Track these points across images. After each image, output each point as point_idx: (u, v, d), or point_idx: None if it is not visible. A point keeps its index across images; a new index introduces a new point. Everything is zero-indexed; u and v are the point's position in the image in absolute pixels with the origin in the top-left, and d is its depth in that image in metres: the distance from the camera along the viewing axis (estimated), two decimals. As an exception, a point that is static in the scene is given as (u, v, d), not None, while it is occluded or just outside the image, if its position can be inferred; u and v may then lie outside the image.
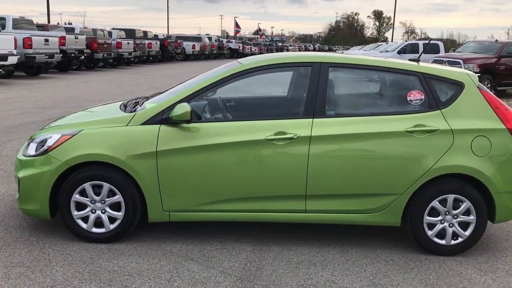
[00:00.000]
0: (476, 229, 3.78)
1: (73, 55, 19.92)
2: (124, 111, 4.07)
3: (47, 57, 17.36)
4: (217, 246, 3.86)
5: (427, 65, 3.98)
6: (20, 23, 17.67)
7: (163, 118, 3.73)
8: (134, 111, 3.95)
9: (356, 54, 4.93)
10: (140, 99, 4.53)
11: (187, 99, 3.79)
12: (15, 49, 15.48)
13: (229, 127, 3.75)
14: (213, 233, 4.09)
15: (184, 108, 3.62)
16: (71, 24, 29.15)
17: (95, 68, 23.68)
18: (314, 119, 3.74)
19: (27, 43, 16.35)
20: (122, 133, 3.72)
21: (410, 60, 4.25)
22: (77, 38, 20.27)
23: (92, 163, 3.72)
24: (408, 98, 3.83)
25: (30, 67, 18.00)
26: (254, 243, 3.94)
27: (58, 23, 29.49)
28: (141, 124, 3.74)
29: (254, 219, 3.83)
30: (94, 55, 22.04)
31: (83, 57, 21.03)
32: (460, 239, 3.80)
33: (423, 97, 3.82)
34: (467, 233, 3.79)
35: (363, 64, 3.96)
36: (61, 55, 18.51)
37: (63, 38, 18.80)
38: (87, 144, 3.69)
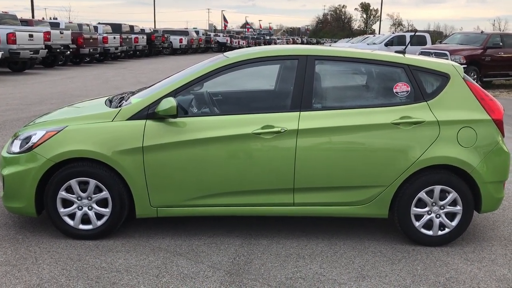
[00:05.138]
0: (462, 220, 3.81)
1: (58, 50, 19.68)
2: (110, 107, 4.03)
3: (32, 52, 17.12)
4: (206, 240, 3.85)
5: (413, 57, 3.99)
6: (3, 18, 17.39)
7: (149, 113, 3.70)
8: (120, 106, 3.91)
9: (343, 47, 4.91)
10: (126, 94, 4.49)
11: (173, 93, 3.76)
12: (-2, 44, 15.27)
13: (216, 122, 3.73)
14: (201, 228, 4.08)
15: (170, 102, 3.59)
16: (56, 19, 28.78)
17: (81, 63, 23.43)
18: (301, 112, 3.73)
19: (11, 38, 16.10)
20: (108, 129, 3.68)
21: (396, 52, 4.25)
22: (62, 33, 20.03)
23: (78, 159, 3.68)
24: (394, 90, 3.84)
25: (14, 63, 17.76)
26: (242, 237, 3.93)
27: (43, 18, 29.11)
28: (127, 120, 3.71)
29: (242, 213, 3.82)
30: (80, 50, 21.81)
31: (68, 52, 20.78)
32: (447, 230, 3.83)
33: (409, 89, 3.83)
34: (454, 223, 3.82)
35: (349, 56, 3.95)
36: (46, 50, 18.27)
37: (48, 33, 18.56)
38: (73, 140, 3.65)
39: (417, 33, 23.91)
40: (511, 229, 4.26)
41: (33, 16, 34.38)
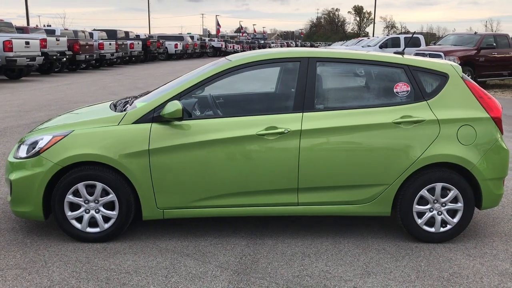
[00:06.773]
0: (464, 216, 3.88)
1: (55, 57, 19.67)
2: (114, 111, 4.08)
3: (28, 60, 17.11)
4: (212, 241, 3.90)
5: (412, 58, 4.07)
6: (-1, 26, 17.42)
7: (154, 116, 3.75)
8: (125, 110, 3.96)
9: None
10: (130, 99, 4.54)
11: (178, 96, 3.82)
12: (-5, 52, 15.27)
13: (220, 124, 3.79)
14: (207, 229, 4.13)
15: (175, 105, 3.64)
16: (50, 26, 28.77)
17: (77, 70, 23.43)
18: (304, 113, 3.79)
19: (8, 46, 16.10)
20: (114, 133, 3.73)
21: (395, 53, 4.33)
22: (58, 40, 20.02)
23: (85, 163, 3.73)
24: (395, 90, 3.91)
25: (11, 71, 17.74)
26: (248, 237, 3.99)
27: (37, 26, 29.09)
28: (133, 123, 3.76)
29: (247, 214, 3.88)
30: (76, 57, 21.79)
31: (65, 59, 20.79)
32: (448, 226, 3.90)
33: (409, 88, 3.90)
34: (455, 220, 3.89)
35: (350, 58, 4.03)
36: (43, 57, 18.28)
37: (44, 40, 18.54)
38: (79, 145, 3.70)
39: (414, 35, 24.07)
40: (511, 225, 4.33)
41: (28, 24, 34.37)
